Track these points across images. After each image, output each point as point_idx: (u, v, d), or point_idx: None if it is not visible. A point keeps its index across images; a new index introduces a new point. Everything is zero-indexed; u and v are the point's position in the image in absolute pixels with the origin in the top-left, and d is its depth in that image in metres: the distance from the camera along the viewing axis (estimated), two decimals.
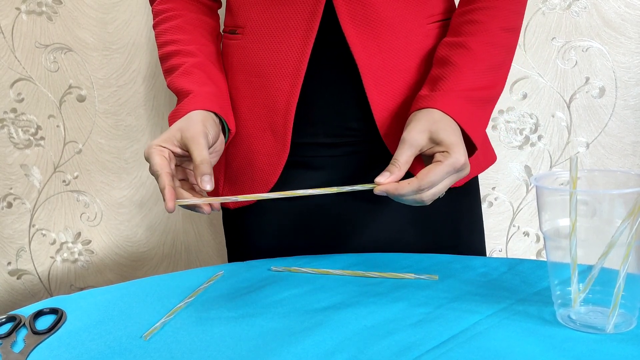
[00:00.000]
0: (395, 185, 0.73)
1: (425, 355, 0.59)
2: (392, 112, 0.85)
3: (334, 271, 0.81)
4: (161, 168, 0.72)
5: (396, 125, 0.85)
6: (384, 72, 0.83)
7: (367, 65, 0.82)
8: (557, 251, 0.64)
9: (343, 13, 0.81)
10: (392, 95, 0.84)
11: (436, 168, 0.73)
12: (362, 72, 0.82)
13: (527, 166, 1.35)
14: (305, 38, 0.82)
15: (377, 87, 0.83)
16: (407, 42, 0.84)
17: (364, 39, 0.82)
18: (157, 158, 0.73)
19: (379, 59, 0.83)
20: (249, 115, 0.88)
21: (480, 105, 0.82)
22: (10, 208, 1.41)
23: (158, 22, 0.91)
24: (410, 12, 0.84)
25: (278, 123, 0.85)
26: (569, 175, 0.61)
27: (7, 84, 1.34)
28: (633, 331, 0.61)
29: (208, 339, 0.65)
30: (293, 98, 0.84)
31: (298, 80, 0.83)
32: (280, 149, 0.86)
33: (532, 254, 1.40)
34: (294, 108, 0.84)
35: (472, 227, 0.97)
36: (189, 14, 0.90)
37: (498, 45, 0.82)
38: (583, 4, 1.25)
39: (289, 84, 0.84)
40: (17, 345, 0.66)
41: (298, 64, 0.83)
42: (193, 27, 0.90)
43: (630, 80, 1.28)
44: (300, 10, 0.82)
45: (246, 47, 0.87)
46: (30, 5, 1.31)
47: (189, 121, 0.77)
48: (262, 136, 0.87)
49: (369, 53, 0.82)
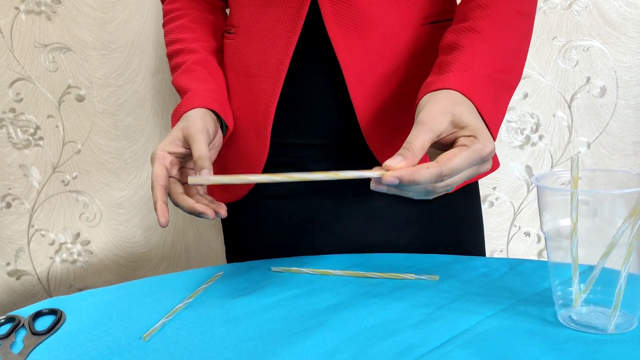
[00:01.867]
0: (411, 171, 0.62)
1: (426, 355, 0.59)
2: (376, 114, 0.84)
3: (334, 271, 0.80)
4: (156, 180, 0.73)
5: (379, 127, 0.84)
6: (368, 74, 0.82)
7: (351, 66, 0.82)
8: (558, 251, 0.63)
9: (328, 14, 0.81)
10: (376, 97, 0.83)
11: (462, 153, 0.63)
12: (345, 73, 0.82)
13: (528, 166, 1.34)
14: (288, 39, 0.82)
15: (360, 89, 0.82)
16: (394, 43, 0.83)
17: (348, 40, 0.81)
18: (156, 167, 0.74)
19: (365, 60, 0.82)
20: (237, 114, 0.89)
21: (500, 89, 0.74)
22: (9, 208, 1.41)
23: (167, 21, 0.94)
24: (401, 14, 0.83)
25: (260, 123, 0.86)
26: (570, 175, 0.61)
27: (6, 84, 1.34)
28: (634, 331, 0.61)
29: (208, 340, 0.65)
30: (273, 98, 0.84)
31: (279, 80, 0.83)
32: (261, 150, 0.86)
33: (533, 255, 1.40)
34: (274, 108, 0.84)
35: (472, 228, 0.97)
36: (194, 12, 0.93)
37: (512, 28, 0.76)
38: (584, 4, 1.25)
39: (270, 84, 0.84)
40: (16, 346, 0.66)
41: (279, 65, 0.83)
42: (197, 25, 0.92)
43: (631, 80, 1.28)
44: (285, 11, 0.82)
45: (237, 46, 0.89)
46: (29, 5, 1.30)
47: (188, 120, 0.78)
48: (246, 136, 0.88)
49: (354, 54, 0.81)
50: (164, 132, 1.37)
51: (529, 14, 0.79)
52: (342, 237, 0.91)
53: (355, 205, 0.90)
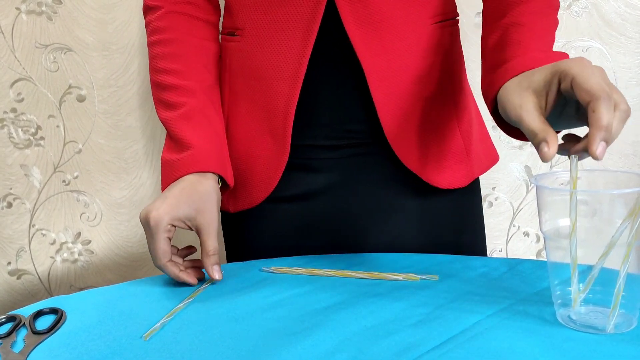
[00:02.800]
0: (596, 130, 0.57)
1: (425, 355, 0.59)
2: (397, 113, 0.84)
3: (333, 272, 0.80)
4: (164, 257, 0.78)
5: (401, 126, 0.84)
6: (388, 73, 0.83)
7: (372, 66, 0.82)
8: (557, 251, 0.63)
9: (346, 13, 0.80)
10: (398, 96, 0.84)
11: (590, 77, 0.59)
12: (367, 72, 0.82)
13: (527, 166, 1.35)
14: (305, 39, 0.81)
15: (382, 88, 0.83)
16: (411, 42, 0.84)
17: (367, 40, 0.81)
18: (161, 242, 0.77)
19: (384, 59, 0.82)
20: (248, 119, 0.88)
21: None
22: (10, 208, 1.41)
23: (154, 41, 0.86)
24: (414, 12, 0.83)
25: (277, 126, 0.85)
26: (569, 175, 0.61)
27: (7, 84, 1.34)
28: (633, 331, 0.61)
29: (208, 339, 0.65)
30: (292, 100, 0.83)
31: (297, 82, 0.82)
32: (280, 152, 0.86)
33: (532, 254, 1.40)
34: (293, 110, 0.83)
35: (473, 227, 0.97)
36: (189, 39, 0.87)
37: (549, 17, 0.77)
38: (583, 4, 1.25)
39: (288, 86, 0.83)
40: (17, 345, 0.66)
41: (297, 66, 0.82)
42: (194, 56, 0.87)
43: (630, 81, 1.28)
44: (300, 11, 0.81)
45: (245, 49, 0.87)
46: (30, 5, 1.31)
47: (205, 202, 0.79)
48: (261, 140, 0.87)
49: (373, 53, 0.82)
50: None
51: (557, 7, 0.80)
52: (341, 238, 0.91)
53: (355, 207, 0.90)
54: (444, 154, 0.89)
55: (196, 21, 0.88)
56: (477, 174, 0.93)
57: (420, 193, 0.89)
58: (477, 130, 0.95)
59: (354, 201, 0.89)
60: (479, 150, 0.94)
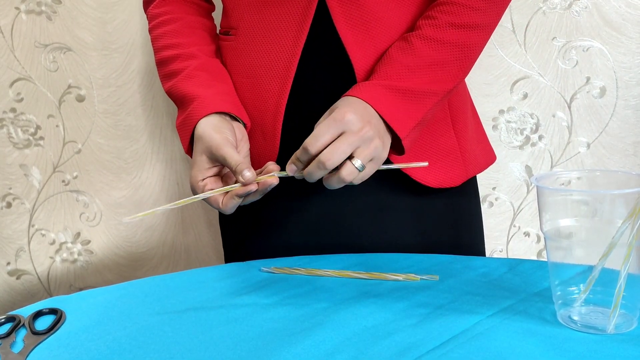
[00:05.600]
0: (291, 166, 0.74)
1: (425, 355, 0.59)
2: None
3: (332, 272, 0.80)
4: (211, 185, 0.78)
5: None
6: None
7: (363, 66, 0.82)
8: (557, 251, 0.63)
9: (337, 14, 0.81)
10: None
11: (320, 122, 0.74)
12: (357, 72, 0.82)
13: (527, 166, 1.35)
14: (295, 39, 0.82)
15: None
16: None
17: (359, 40, 0.81)
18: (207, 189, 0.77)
19: (375, 59, 0.82)
20: None
21: (408, 97, 0.78)
22: (10, 208, 1.41)
23: (154, 26, 0.90)
24: (406, 12, 0.83)
25: (267, 124, 0.85)
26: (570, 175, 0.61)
27: (7, 84, 1.34)
28: (634, 332, 0.61)
29: (208, 340, 0.65)
30: (282, 99, 0.84)
31: (287, 81, 0.83)
32: (270, 150, 0.86)
33: (532, 254, 1.40)
34: (283, 109, 0.84)
35: (472, 228, 0.97)
36: (187, 17, 0.90)
37: (444, 42, 0.79)
38: (584, 4, 1.25)
39: (278, 85, 0.83)
40: (16, 346, 0.66)
41: (288, 65, 0.83)
42: (192, 29, 0.89)
43: (631, 80, 1.28)
44: (291, 11, 0.82)
45: (238, 48, 0.87)
46: (29, 5, 1.31)
47: (204, 140, 0.77)
48: (253, 137, 0.87)
49: (365, 53, 0.82)
50: (164, 132, 1.37)
51: (471, 25, 0.79)
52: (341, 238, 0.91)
53: (355, 207, 0.90)
54: (436, 153, 0.89)
55: (191, 3, 0.92)
56: (472, 174, 0.93)
57: (413, 192, 0.89)
58: (473, 129, 0.95)
59: (348, 201, 0.89)
60: (475, 150, 0.94)
